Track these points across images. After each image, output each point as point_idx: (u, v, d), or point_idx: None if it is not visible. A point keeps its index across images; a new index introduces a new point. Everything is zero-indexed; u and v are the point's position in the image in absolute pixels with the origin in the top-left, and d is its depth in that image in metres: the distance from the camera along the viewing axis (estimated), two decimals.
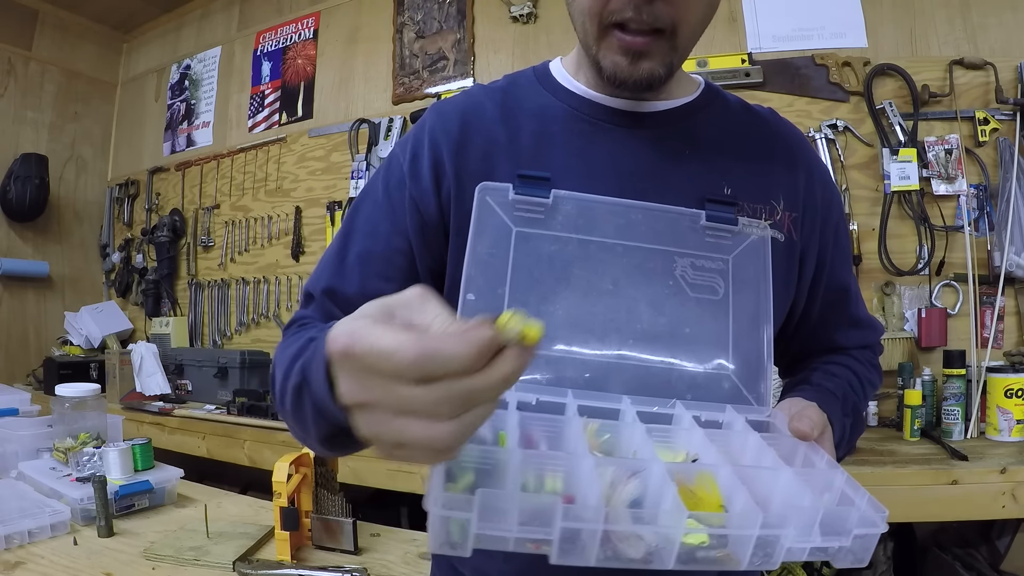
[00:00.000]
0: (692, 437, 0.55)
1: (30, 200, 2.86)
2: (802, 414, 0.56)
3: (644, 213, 0.63)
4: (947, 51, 1.82)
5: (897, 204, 1.82)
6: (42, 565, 1.05)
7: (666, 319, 0.61)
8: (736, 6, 2.01)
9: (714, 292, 0.62)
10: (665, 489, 0.44)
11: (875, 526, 0.43)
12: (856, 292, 0.78)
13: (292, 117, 2.75)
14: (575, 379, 0.59)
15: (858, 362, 0.76)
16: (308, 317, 0.68)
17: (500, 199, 0.61)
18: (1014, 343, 1.73)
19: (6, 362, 2.89)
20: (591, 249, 0.61)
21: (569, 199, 0.62)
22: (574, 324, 0.60)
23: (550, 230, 0.61)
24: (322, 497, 1.16)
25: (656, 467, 0.46)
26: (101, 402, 1.49)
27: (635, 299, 0.61)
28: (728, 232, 0.64)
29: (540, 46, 2.28)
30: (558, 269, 0.60)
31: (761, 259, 0.64)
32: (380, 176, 0.70)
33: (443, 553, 0.40)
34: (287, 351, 0.57)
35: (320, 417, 0.48)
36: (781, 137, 0.73)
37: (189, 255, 2.99)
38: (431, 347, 0.33)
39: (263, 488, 1.40)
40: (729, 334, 0.62)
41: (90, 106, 3.26)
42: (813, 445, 0.54)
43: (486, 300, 0.59)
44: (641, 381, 0.60)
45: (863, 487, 0.47)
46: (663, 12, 0.56)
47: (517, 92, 0.71)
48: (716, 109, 0.71)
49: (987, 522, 1.70)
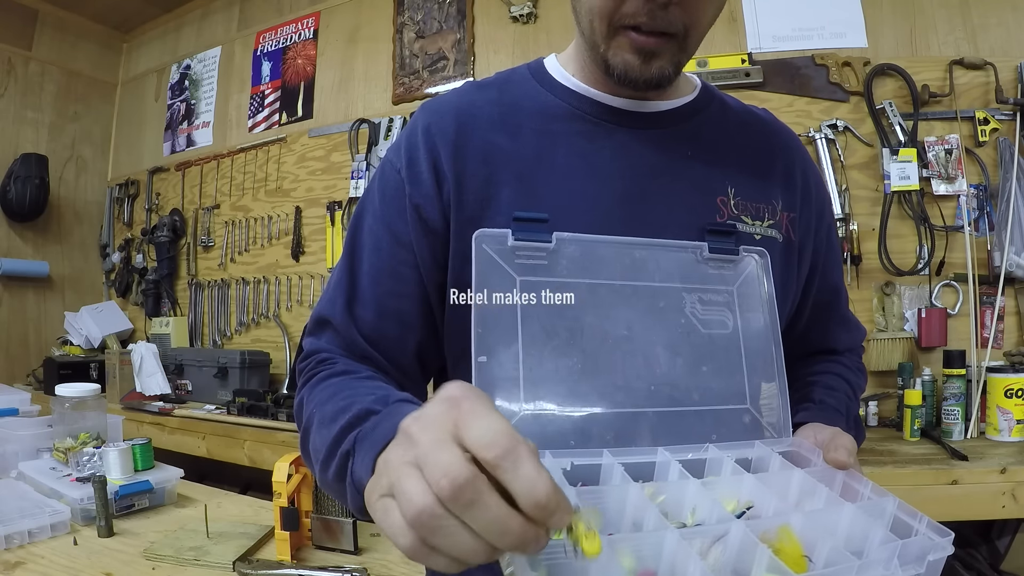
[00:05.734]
0: (740, 483, 0.53)
1: (30, 200, 2.86)
2: (835, 443, 0.56)
3: (648, 250, 0.61)
4: (947, 51, 1.82)
5: (897, 204, 1.82)
6: (42, 565, 1.05)
7: (683, 360, 0.60)
8: (736, 6, 2.01)
9: (724, 326, 0.62)
10: (755, 551, 0.43)
11: (945, 550, 0.44)
12: (845, 293, 0.80)
13: (292, 117, 2.75)
14: (602, 435, 0.56)
15: (849, 369, 0.77)
16: (324, 351, 0.65)
17: (499, 247, 0.58)
18: (1014, 343, 1.73)
19: (6, 362, 2.88)
20: (600, 293, 0.59)
21: (572, 241, 0.59)
22: (595, 376, 0.57)
23: (556, 276, 0.58)
24: (322, 497, 1.16)
25: (736, 528, 0.45)
26: (101, 402, 1.49)
27: (651, 343, 0.59)
28: (730, 262, 0.63)
29: (540, 46, 2.28)
30: (569, 319, 0.58)
31: (765, 287, 0.64)
32: (375, 185, 0.68)
33: None
34: (327, 406, 0.56)
35: (357, 494, 0.48)
36: (778, 137, 0.73)
37: (189, 255, 2.99)
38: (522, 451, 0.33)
39: (263, 488, 1.40)
40: (743, 367, 0.61)
41: (90, 106, 3.26)
42: (851, 472, 0.54)
43: (499, 361, 0.55)
44: (667, 427, 0.58)
45: (918, 510, 0.47)
46: (676, 16, 0.56)
47: (514, 90, 0.68)
48: (716, 109, 0.71)
49: (987, 522, 1.70)
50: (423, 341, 0.66)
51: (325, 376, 0.62)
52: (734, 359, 0.61)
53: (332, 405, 0.55)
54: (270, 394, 2.30)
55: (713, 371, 0.61)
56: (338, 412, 0.53)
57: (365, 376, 0.62)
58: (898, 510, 0.48)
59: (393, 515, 0.35)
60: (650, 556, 0.44)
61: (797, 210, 0.70)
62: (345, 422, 0.52)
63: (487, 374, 0.54)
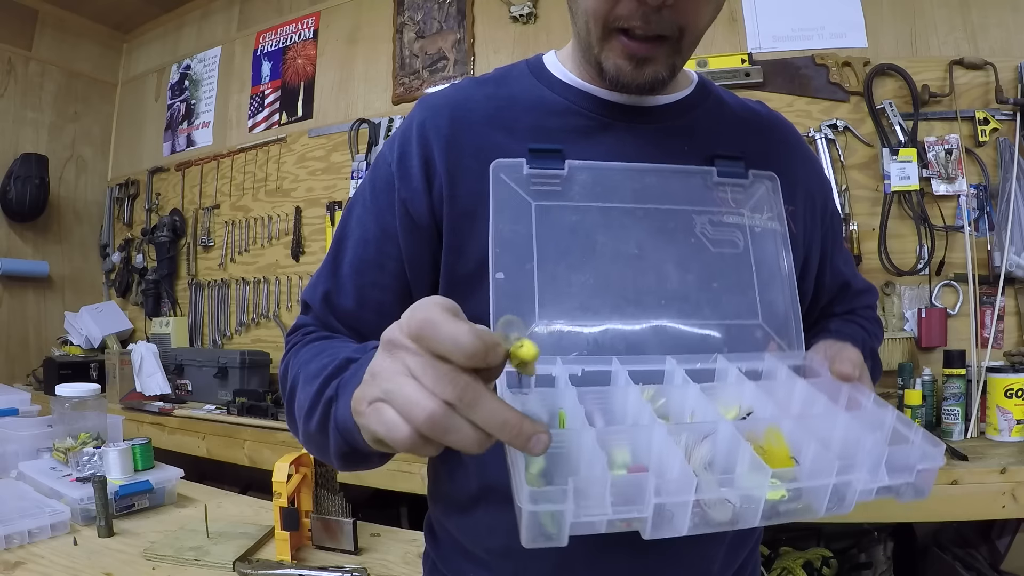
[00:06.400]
0: (742, 391, 0.55)
1: (30, 200, 2.86)
2: (842, 356, 0.57)
3: (658, 175, 0.64)
4: (947, 51, 1.82)
5: (897, 204, 1.82)
6: (42, 565, 1.05)
7: (694, 276, 0.62)
8: (736, 6, 2.01)
9: (735, 246, 0.63)
10: (739, 448, 0.45)
11: (936, 460, 0.45)
12: (854, 271, 0.82)
13: (292, 117, 2.75)
14: (614, 347, 0.58)
15: (863, 318, 0.79)
16: (310, 324, 0.68)
17: (515, 175, 0.61)
18: (1014, 343, 1.73)
19: (6, 362, 2.88)
20: (612, 215, 0.62)
21: (584, 168, 0.62)
22: (607, 291, 0.60)
23: (569, 201, 0.61)
24: (322, 497, 1.16)
25: (725, 427, 0.47)
26: (101, 402, 1.49)
27: (662, 260, 0.61)
28: (740, 186, 0.65)
29: (540, 46, 2.28)
30: (582, 238, 0.60)
31: (775, 207, 0.66)
32: (368, 178, 0.69)
33: (537, 546, 0.41)
34: (311, 364, 0.58)
35: (340, 437, 0.51)
36: (776, 130, 0.74)
37: (189, 255, 2.99)
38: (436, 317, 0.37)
39: (263, 488, 1.40)
40: (755, 284, 0.63)
41: (90, 106, 3.26)
42: (856, 385, 0.55)
43: (515, 278, 0.58)
44: (678, 340, 0.60)
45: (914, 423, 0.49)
46: (670, 19, 0.56)
47: (510, 85, 0.69)
48: (712, 104, 0.72)
49: (987, 522, 1.70)
50: None
51: (309, 341, 0.64)
52: (745, 276, 0.63)
53: (316, 363, 0.57)
54: (270, 394, 2.30)
55: (724, 287, 0.62)
56: (321, 367, 0.55)
57: (347, 341, 0.64)
58: (897, 421, 0.49)
59: (388, 413, 0.39)
60: (642, 451, 0.46)
61: (798, 203, 0.70)
62: (328, 373, 0.54)
63: (504, 290, 0.57)
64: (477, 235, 0.61)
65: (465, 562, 0.69)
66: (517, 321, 0.40)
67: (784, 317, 0.63)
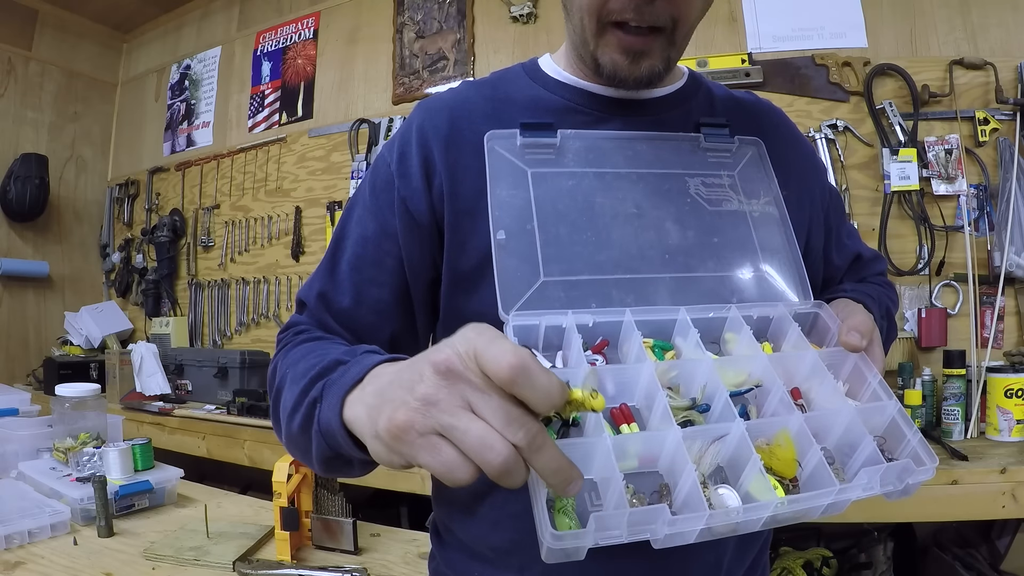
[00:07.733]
0: (754, 363, 0.56)
1: (30, 200, 2.86)
2: (851, 325, 0.57)
3: (648, 142, 0.65)
4: (947, 51, 1.82)
5: (897, 204, 1.82)
6: (42, 565, 1.05)
7: (693, 232, 0.63)
8: (736, 6, 2.01)
9: (730, 204, 0.65)
10: (749, 460, 0.47)
11: (927, 474, 0.48)
12: (861, 242, 0.83)
13: (292, 117, 2.75)
14: (623, 298, 0.59)
15: (878, 285, 0.80)
16: (303, 323, 0.68)
17: (509, 146, 0.62)
18: (1014, 343, 1.73)
19: (6, 362, 2.88)
20: (607, 179, 0.63)
21: (575, 137, 0.64)
22: (610, 247, 0.60)
23: (564, 167, 0.63)
24: (322, 497, 1.16)
25: (736, 429, 0.49)
26: (101, 402, 1.49)
27: (661, 219, 0.63)
28: (727, 151, 0.67)
29: (540, 46, 2.28)
30: (580, 201, 0.61)
31: (763, 168, 0.68)
32: (368, 179, 0.70)
33: (556, 562, 0.43)
34: (299, 364, 0.57)
35: (323, 440, 0.51)
36: (763, 119, 0.75)
37: (189, 255, 2.99)
38: (532, 365, 0.36)
39: (263, 488, 1.40)
40: (754, 238, 0.64)
41: (90, 106, 3.26)
42: (863, 357, 0.56)
43: (516, 238, 0.58)
44: (685, 291, 0.61)
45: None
46: (663, 11, 0.56)
47: (507, 86, 0.70)
48: (704, 95, 0.73)
49: (987, 522, 1.70)
50: (398, 332, 0.68)
51: (300, 341, 0.64)
52: (743, 232, 0.64)
53: (304, 363, 0.57)
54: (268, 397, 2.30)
55: (724, 242, 0.64)
56: (309, 368, 0.55)
57: (339, 342, 0.64)
58: (898, 415, 0.52)
59: (447, 452, 0.38)
60: (655, 448, 0.49)
61: (792, 188, 0.71)
62: (315, 373, 0.54)
63: (506, 249, 0.58)
64: (479, 232, 0.61)
65: (471, 562, 0.70)
66: (595, 374, 0.42)
67: (788, 266, 0.64)
